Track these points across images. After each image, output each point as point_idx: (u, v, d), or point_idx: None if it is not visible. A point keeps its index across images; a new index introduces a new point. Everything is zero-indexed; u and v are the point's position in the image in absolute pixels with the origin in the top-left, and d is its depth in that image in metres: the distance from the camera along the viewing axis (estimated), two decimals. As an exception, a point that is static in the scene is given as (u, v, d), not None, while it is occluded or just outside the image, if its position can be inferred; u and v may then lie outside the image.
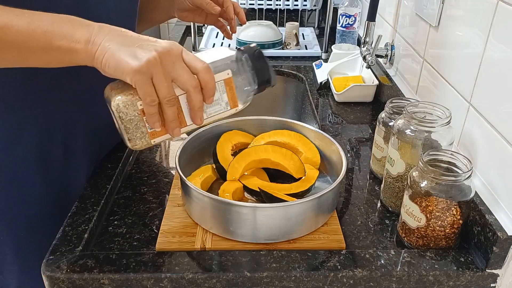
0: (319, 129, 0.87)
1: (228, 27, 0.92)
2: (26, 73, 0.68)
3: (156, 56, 0.52)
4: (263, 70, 0.61)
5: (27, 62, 0.58)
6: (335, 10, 1.49)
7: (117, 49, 0.53)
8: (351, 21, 1.41)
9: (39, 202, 0.76)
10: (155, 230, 0.69)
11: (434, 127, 0.67)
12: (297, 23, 1.44)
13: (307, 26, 1.72)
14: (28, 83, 0.69)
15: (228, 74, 0.59)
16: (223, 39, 1.54)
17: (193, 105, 0.57)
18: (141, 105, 0.55)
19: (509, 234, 0.59)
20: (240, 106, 0.63)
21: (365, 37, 1.07)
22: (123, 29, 0.56)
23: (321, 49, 1.43)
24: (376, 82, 1.12)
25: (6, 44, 0.54)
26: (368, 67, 1.12)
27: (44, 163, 0.74)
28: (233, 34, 0.93)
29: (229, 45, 1.48)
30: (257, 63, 0.61)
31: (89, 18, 0.70)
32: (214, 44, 1.49)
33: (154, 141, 0.59)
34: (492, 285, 0.62)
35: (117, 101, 0.55)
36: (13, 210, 0.75)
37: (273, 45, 1.44)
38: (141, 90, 0.53)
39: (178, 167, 0.70)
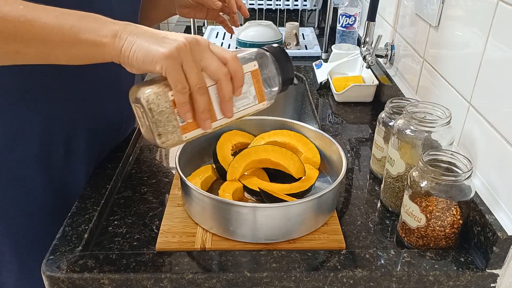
0: (319, 129, 0.87)
1: (230, 22, 0.91)
2: (27, 73, 0.68)
3: (186, 43, 0.52)
4: (287, 68, 0.61)
5: (49, 57, 0.57)
6: (335, 10, 1.49)
7: (145, 41, 0.52)
8: (351, 21, 1.41)
9: (39, 201, 0.76)
10: (155, 230, 0.69)
11: (434, 127, 0.67)
12: (297, 23, 1.44)
13: (307, 26, 1.72)
14: (29, 84, 0.69)
15: (255, 66, 0.58)
16: (223, 39, 1.54)
17: (224, 95, 0.55)
18: (172, 95, 0.53)
19: (509, 234, 0.59)
20: (266, 102, 0.61)
21: (365, 37, 1.07)
22: (150, 28, 0.55)
23: (321, 49, 1.43)
24: (376, 82, 1.12)
25: (31, 37, 0.53)
26: (368, 67, 1.12)
27: (45, 162, 0.74)
28: (233, 33, 0.93)
29: (229, 45, 1.48)
30: (281, 61, 0.61)
31: None
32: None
33: (185, 137, 0.57)
34: (492, 285, 0.62)
35: (148, 93, 0.53)
36: (13, 209, 0.75)
37: (273, 45, 1.43)
38: (172, 76, 0.51)
39: (178, 167, 0.70)
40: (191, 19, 1.37)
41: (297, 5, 1.64)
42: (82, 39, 0.53)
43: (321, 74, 1.21)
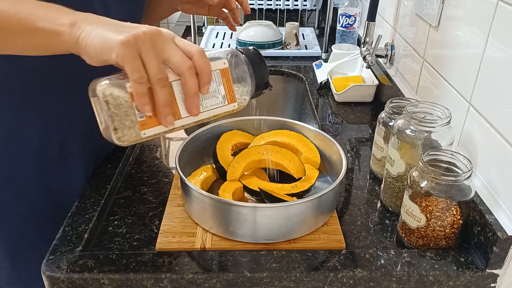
0: (319, 129, 0.87)
1: (232, 18, 0.90)
2: (24, 73, 0.68)
3: (146, 32, 0.49)
4: (261, 71, 0.59)
5: (7, 47, 0.55)
6: (335, 10, 1.49)
7: (104, 29, 0.50)
8: (351, 21, 1.41)
9: (34, 200, 0.76)
10: (155, 230, 0.69)
11: (434, 127, 0.67)
12: (297, 23, 1.44)
13: (307, 26, 1.72)
14: (25, 84, 0.69)
15: (224, 63, 0.56)
16: (223, 39, 1.54)
17: (188, 90, 0.52)
18: (130, 87, 0.50)
19: (509, 234, 0.59)
20: (237, 104, 0.58)
21: (365, 37, 1.07)
22: (112, 19, 0.53)
23: (321, 49, 1.43)
24: (376, 82, 1.12)
25: None
26: (368, 67, 1.12)
27: (40, 162, 0.74)
28: (235, 31, 0.92)
29: (229, 45, 1.48)
30: (255, 63, 0.59)
31: None
32: (214, 44, 1.49)
33: (144, 133, 0.53)
34: (492, 285, 0.62)
35: (104, 85, 0.50)
36: (7, 207, 0.75)
37: (273, 45, 1.44)
38: (127, 64, 0.48)
39: (178, 167, 0.70)
40: (191, 19, 1.37)
41: (297, 5, 1.64)
42: (38, 27, 0.51)
43: (321, 74, 1.21)
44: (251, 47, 0.60)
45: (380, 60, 1.17)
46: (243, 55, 0.58)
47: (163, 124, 0.53)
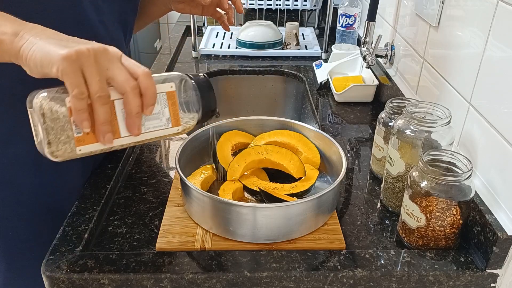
0: (319, 129, 0.87)
1: (226, 18, 0.90)
2: (17, 77, 0.68)
3: (90, 49, 0.48)
4: (209, 98, 0.59)
5: None
6: (335, 10, 1.49)
7: (47, 42, 0.49)
8: (351, 21, 1.41)
9: (30, 203, 0.76)
10: (155, 230, 0.69)
11: (434, 127, 0.67)
12: (297, 23, 1.44)
13: (307, 26, 1.72)
14: (19, 87, 0.69)
15: (171, 87, 0.56)
16: (223, 39, 1.54)
17: (130, 109, 0.51)
18: (69, 102, 0.49)
19: (509, 234, 0.59)
20: (181, 128, 0.58)
21: (365, 37, 1.07)
22: (58, 32, 0.52)
23: (321, 49, 1.43)
24: (376, 82, 1.12)
25: None
26: (368, 67, 1.12)
27: (36, 165, 0.74)
28: (228, 30, 0.92)
29: (229, 45, 1.48)
30: (203, 89, 0.59)
31: (80, 21, 0.68)
32: (214, 44, 1.49)
33: (80, 150, 0.52)
34: (492, 285, 0.62)
35: (42, 97, 0.49)
36: (4, 210, 0.75)
37: (273, 45, 1.44)
38: (68, 79, 0.47)
39: (178, 167, 0.70)
40: (191, 19, 1.37)
41: (297, 5, 1.64)
42: None
43: (321, 74, 1.21)
44: (201, 74, 0.60)
45: (380, 60, 1.18)
46: (192, 81, 0.58)
47: (101, 141, 0.52)
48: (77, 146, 0.52)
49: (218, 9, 0.90)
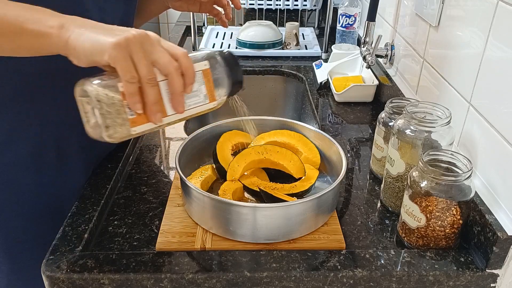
0: (319, 129, 0.87)
1: (224, 15, 0.90)
2: (20, 75, 0.68)
3: (136, 35, 0.51)
4: (236, 72, 0.62)
5: None
6: (335, 10, 1.49)
7: (93, 32, 0.52)
8: (351, 21, 1.41)
9: (31, 203, 0.76)
10: (155, 230, 0.69)
11: (434, 127, 0.67)
12: (297, 23, 1.44)
13: (307, 26, 1.72)
14: (21, 86, 0.69)
15: (205, 65, 0.59)
16: (223, 39, 1.54)
17: (175, 89, 0.55)
18: (121, 86, 0.52)
19: (509, 234, 0.59)
20: (217, 103, 0.62)
21: (365, 37, 1.07)
22: (98, 22, 0.55)
23: (321, 49, 1.43)
24: (376, 82, 1.12)
25: None
26: (368, 67, 1.12)
27: (37, 165, 0.74)
28: (226, 27, 0.92)
29: (229, 45, 1.48)
30: (231, 64, 0.62)
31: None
32: (214, 44, 1.49)
33: (134, 130, 0.55)
34: (492, 285, 0.62)
35: (97, 85, 0.52)
36: (5, 210, 0.75)
37: (273, 45, 1.44)
38: (120, 65, 0.50)
39: (178, 167, 0.70)
40: (191, 19, 1.37)
41: (297, 5, 1.64)
42: (27, 29, 0.53)
43: (321, 74, 1.21)
44: (226, 50, 0.63)
45: (380, 60, 1.17)
46: (220, 57, 0.62)
47: (152, 121, 0.55)
48: (132, 127, 0.55)
49: (216, 6, 0.90)
